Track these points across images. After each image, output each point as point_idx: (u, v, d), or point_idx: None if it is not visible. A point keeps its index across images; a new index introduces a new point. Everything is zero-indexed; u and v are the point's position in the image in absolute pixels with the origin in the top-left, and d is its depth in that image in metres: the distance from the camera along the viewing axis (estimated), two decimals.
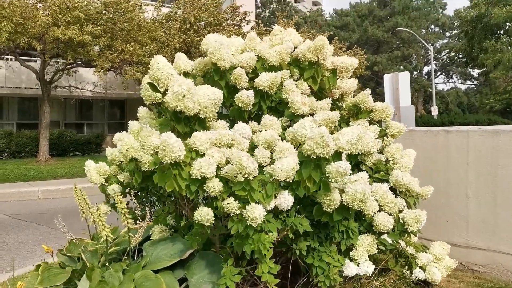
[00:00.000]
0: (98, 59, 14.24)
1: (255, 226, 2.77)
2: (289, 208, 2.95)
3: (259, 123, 3.62)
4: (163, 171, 2.88)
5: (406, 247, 3.87)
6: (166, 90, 3.15)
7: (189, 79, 3.18)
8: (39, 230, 7.39)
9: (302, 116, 3.49)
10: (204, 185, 2.87)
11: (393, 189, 3.68)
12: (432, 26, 49.92)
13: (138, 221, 3.89)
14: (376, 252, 3.42)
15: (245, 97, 3.47)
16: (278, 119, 3.64)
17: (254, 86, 3.67)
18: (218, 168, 2.99)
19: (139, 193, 4.08)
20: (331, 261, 3.20)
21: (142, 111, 3.98)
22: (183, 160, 2.84)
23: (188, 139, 3.07)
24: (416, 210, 3.50)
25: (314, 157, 2.80)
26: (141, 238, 3.14)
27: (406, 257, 3.84)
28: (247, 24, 19.40)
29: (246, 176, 2.76)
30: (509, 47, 11.79)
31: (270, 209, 2.95)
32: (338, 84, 4.17)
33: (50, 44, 13.90)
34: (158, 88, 3.26)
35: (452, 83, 56.43)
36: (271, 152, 3.18)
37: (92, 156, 19.18)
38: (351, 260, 3.36)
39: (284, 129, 3.56)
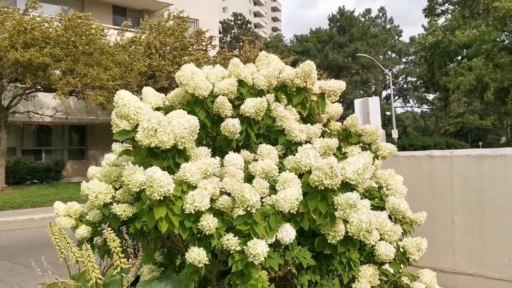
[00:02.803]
0: (59, 83, 13.77)
1: (257, 264, 2.58)
2: (291, 242, 2.77)
3: (250, 151, 3.46)
4: (149, 211, 2.66)
5: (397, 276, 3.75)
6: (137, 125, 2.91)
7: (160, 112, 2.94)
8: (0, 265, 6.88)
9: (299, 144, 3.35)
10: (198, 223, 2.67)
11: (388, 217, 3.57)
12: (389, 52, 51.64)
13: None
14: (378, 283, 3.28)
15: (231, 126, 3.29)
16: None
17: (240, 113, 3.53)
18: (212, 200, 2.80)
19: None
20: None
21: (117, 147, 3.73)
22: (173, 194, 2.63)
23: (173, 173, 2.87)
24: (417, 238, 3.39)
25: (322, 188, 2.66)
26: (133, 278, 2.87)
27: None
28: (213, 48, 19.37)
29: (249, 209, 2.58)
30: (469, 71, 12.19)
31: (270, 243, 2.77)
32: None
33: (8, 68, 13.36)
34: (128, 124, 3.02)
35: (410, 107, 58.28)
36: (269, 183, 3.02)
37: (51, 184, 18.41)
38: None
39: (280, 157, 3.41)
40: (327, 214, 2.80)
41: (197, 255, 2.61)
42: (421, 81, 28.19)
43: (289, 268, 2.89)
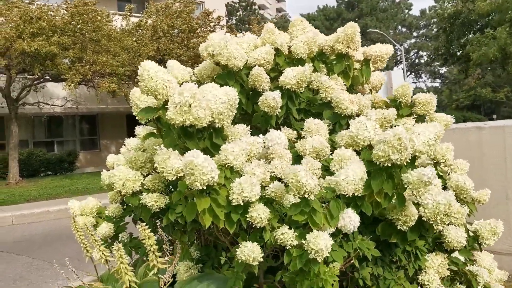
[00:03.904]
0: (68, 73, 13.39)
1: (320, 260, 2.16)
2: (355, 229, 2.35)
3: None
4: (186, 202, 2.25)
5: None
6: (166, 102, 2.48)
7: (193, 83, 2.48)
8: (19, 261, 6.60)
9: (350, 117, 2.92)
10: (247, 215, 2.26)
11: None
12: (399, 27, 50.56)
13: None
14: (448, 274, 2.86)
15: (271, 100, 2.86)
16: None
17: (279, 85, 3.09)
18: (262, 187, 2.38)
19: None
20: None
21: (141, 130, 3.32)
22: (217, 182, 2.22)
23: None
24: (490, 220, 2.96)
25: (389, 164, 2.23)
26: (171, 279, 2.48)
27: (463, 275, 3.28)
28: (221, 29, 18.82)
29: (306, 195, 2.15)
30: (493, 39, 11.59)
31: (330, 233, 2.35)
32: None
33: (15, 58, 12.99)
34: (156, 100, 2.58)
35: (422, 82, 57.35)
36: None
37: (65, 175, 18.19)
38: (420, 286, 2.79)
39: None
40: (393, 195, 2.37)
41: (251, 251, 2.20)
42: (439, 54, 27.38)
43: (351, 261, 2.47)
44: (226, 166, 2.35)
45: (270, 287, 2.65)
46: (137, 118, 2.77)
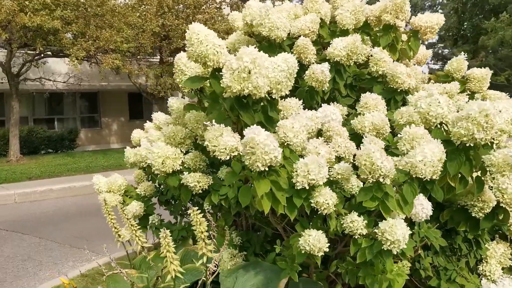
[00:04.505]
0: (72, 48, 12.99)
1: (395, 252, 1.91)
2: (428, 218, 2.11)
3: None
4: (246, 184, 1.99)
5: None
6: (216, 69, 2.21)
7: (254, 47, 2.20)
8: (25, 240, 6.38)
9: (406, 92, 2.66)
10: (311, 199, 2.00)
11: None
12: None
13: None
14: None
15: (319, 73, 2.59)
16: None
17: (327, 58, 2.83)
18: None
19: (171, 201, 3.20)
20: (463, 282, 2.39)
21: (174, 102, 3.03)
22: (280, 162, 1.96)
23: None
24: None
25: (471, 144, 1.97)
26: (217, 268, 2.25)
27: None
28: (227, 6, 18.34)
29: (381, 179, 1.89)
30: (509, 25, 11.22)
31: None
32: None
33: (17, 32, 12.58)
34: (205, 67, 2.30)
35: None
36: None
37: (66, 153, 17.92)
38: (480, 276, 2.57)
39: None
40: (467, 180, 2.13)
41: (316, 240, 1.96)
42: (449, 34, 26.92)
43: (418, 252, 2.24)
44: (286, 144, 2.09)
45: (320, 278, 2.42)
46: (180, 86, 2.49)
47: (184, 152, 2.62)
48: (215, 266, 2.22)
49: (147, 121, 3.40)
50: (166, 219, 3.38)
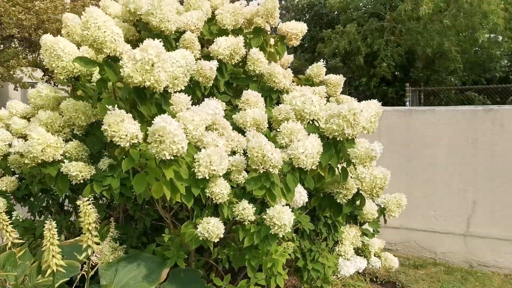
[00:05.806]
0: None
1: (281, 236, 2.12)
2: (304, 204, 2.36)
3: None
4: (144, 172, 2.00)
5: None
6: (111, 58, 2.19)
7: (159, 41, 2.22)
8: None
9: (281, 92, 2.90)
10: (207, 189, 2.10)
11: None
12: None
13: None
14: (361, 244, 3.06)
15: (208, 70, 2.71)
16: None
17: (211, 55, 2.95)
18: None
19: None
20: (325, 261, 2.72)
21: (44, 88, 2.74)
22: (185, 153, 2.02)
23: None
24: (395, 193, 3.20)
25: (341, 139, 2.27)
26: (101, 261, 2.19)
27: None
28: None
29: (271, 169, 2.08)
30: (341, 36, 12.58)
31: None
32: None
33: None
34: (99, 53, 2.24)
35: None
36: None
37: None
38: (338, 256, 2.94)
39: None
40: (334, 170, 2.44)
41: (215, 227, 2.06)
42: None
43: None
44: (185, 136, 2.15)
45: (198, 266, 2.52)
46: (56, 72, 2.35)
47: (64, 141, 2.49)
48: (98, 259, 2.17)
49: None
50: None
